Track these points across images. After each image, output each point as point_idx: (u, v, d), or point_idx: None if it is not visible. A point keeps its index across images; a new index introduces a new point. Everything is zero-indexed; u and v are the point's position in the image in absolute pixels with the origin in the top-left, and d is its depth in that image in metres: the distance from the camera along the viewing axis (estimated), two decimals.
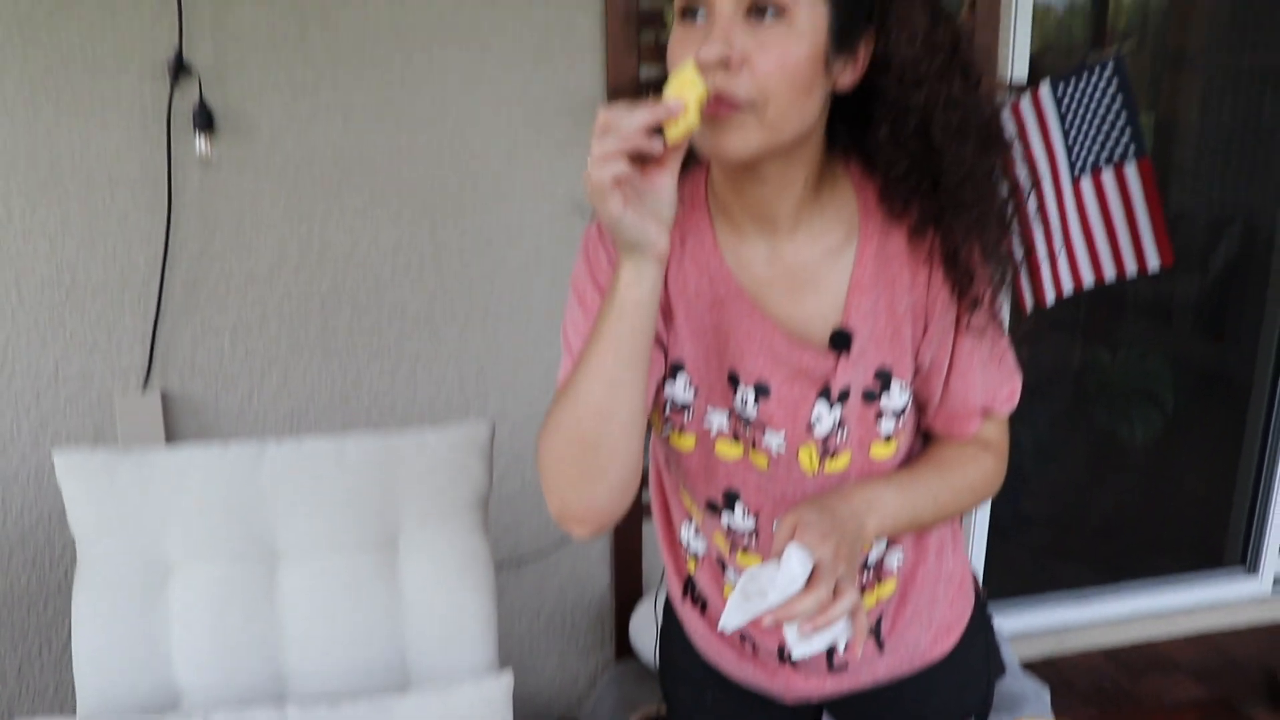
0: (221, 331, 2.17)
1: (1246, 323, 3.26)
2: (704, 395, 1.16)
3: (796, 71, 0.97)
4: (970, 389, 1.16)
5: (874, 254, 1.11)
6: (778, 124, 0.98)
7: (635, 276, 0.98)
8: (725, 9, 0.96)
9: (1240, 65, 3.17)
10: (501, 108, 2.19)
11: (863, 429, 1.14)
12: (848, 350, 1.11)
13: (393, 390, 2.29)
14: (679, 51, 0.99)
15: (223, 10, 2.02)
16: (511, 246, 2.26)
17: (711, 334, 1.14)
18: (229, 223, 2.12)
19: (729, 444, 1.17)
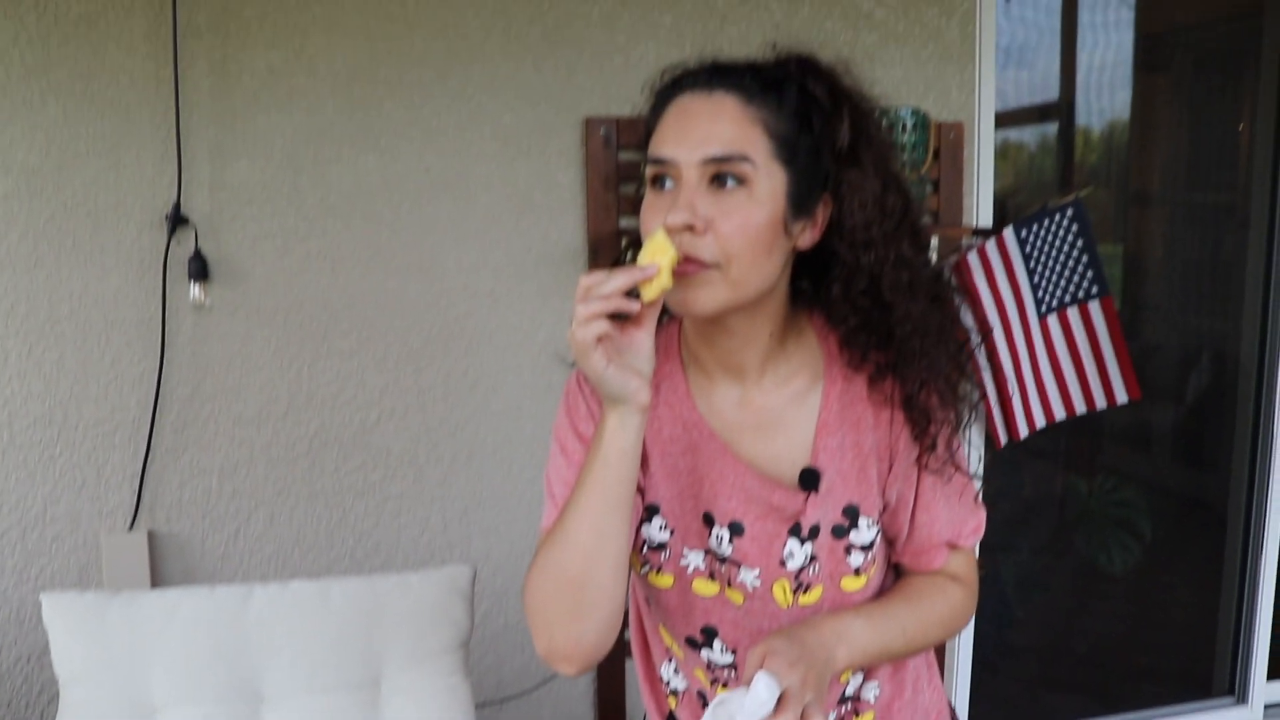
0: (209, 472, 2.19)
1: (1221, 450, 3.29)
2: (680, 536, 1.20)
3: (757, 234, 1.04)
4: (935, 523, 1.20)
5: (838, 396, 1.17)
6: (741, 282, 1.05)
7: (619, 426, 1.03)
8: (691, 178, 1.04)
9: (1198, 202, 3.28)
10: (486, 257, 2.25)
11: (833, 563, 1.17)
12: (816, 488, 1.15)
13: (377, 531, 2.30)
14: (649, 216, 1.07)
15: (220, 165, 2.09)
16: (495, 391, 2.30)
17: (686, 477, 1.19)
18: (220, 366, 2.16)
19: (705, 582, 1.21)
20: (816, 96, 1.08)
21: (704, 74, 1.09)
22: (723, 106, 1.06)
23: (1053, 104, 3.22)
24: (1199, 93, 3.35)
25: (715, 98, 1.06)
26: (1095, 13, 3.16)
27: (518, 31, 2.20)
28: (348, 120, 2.15)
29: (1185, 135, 3.35)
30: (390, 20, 2.14)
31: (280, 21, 2.09)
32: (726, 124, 1.05)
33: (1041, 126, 3.27)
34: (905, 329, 1.11)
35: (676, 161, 1.05)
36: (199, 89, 2.06)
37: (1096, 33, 3.16)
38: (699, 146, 1.04)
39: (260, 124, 2.10)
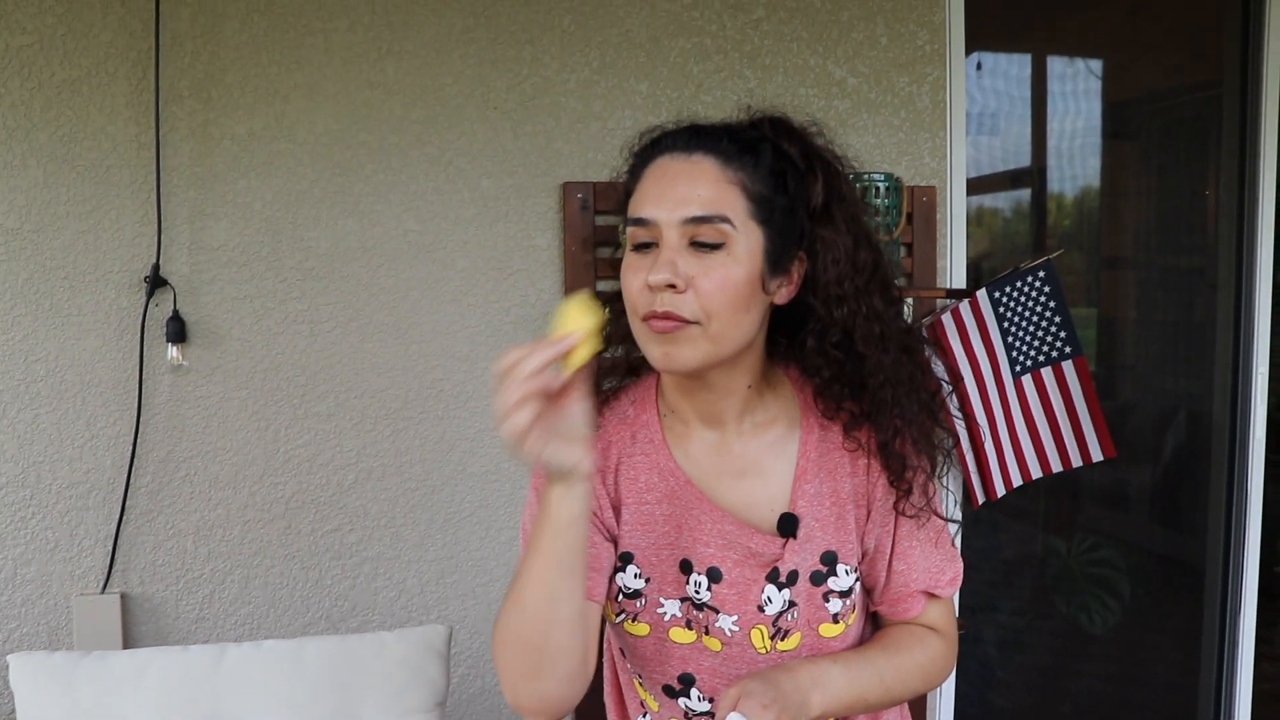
0: (184, 534, 2.18)
1: (1197, 509, 3.31)
2: (656, 584, 1.21)
3: (736, 292, 1.07)
4: (911, 571, 1.22)
5: (815, 444, 1.19)
6: (721, 338, 1.08)
7: (565, 496, 1.02)
8: (672, 239, 1.07)
9: (1168, 265, 3.33)
10: (463, 320, 2.26)
11: (811, 610, 1.18)
12: (794, 534, 1.17)
13: (354, 593, 2.28)
14: (631, 276, 1.10)
15: (199, 228, 2.11)
16: (472, 453, 2.30)
17: (662, 525, 1.20)
18: (196, 428, 2.15)
19: (682, 630, 1.21)
20: (791, 157, 1.12)
21: (682, 136, 1.13)
22: (701, 168, 1.09)
23: (1025, 170, 3.26)
24: (1167, 159, 3.40)
25: (694, 159, 1.10)
26: (1064, 82, 3.22)
27: (496, 98, 2.23)
28: (327, 184, 2.17)
29: (1154, 200, 3.40)
30: (370, 86, 2.17)
31: (261, 87, 2.12)
32: (706, 185, 1.08)
33: (1014, 193, 3.31)
34: (877, 379, 1.14)
35: (657, 222, 1.08)
36: (180, 153, 2.08)
37: (1066, 101, 3.22)
38: (679, 207, 1.07)
39: (240, 187, 2.12)
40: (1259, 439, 3.05)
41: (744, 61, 2.36)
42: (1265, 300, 2.99)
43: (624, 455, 1.23)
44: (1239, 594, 3.11)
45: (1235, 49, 2.99)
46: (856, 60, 2.44)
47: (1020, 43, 3.14)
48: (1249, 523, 3.07)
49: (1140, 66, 3.25)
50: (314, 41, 2.14)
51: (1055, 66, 3.24)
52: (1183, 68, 3.25)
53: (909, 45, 2.47)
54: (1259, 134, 2.93)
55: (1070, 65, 3.24)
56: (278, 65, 2.12)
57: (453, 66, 2.21)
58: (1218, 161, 3.12)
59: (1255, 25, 2.92)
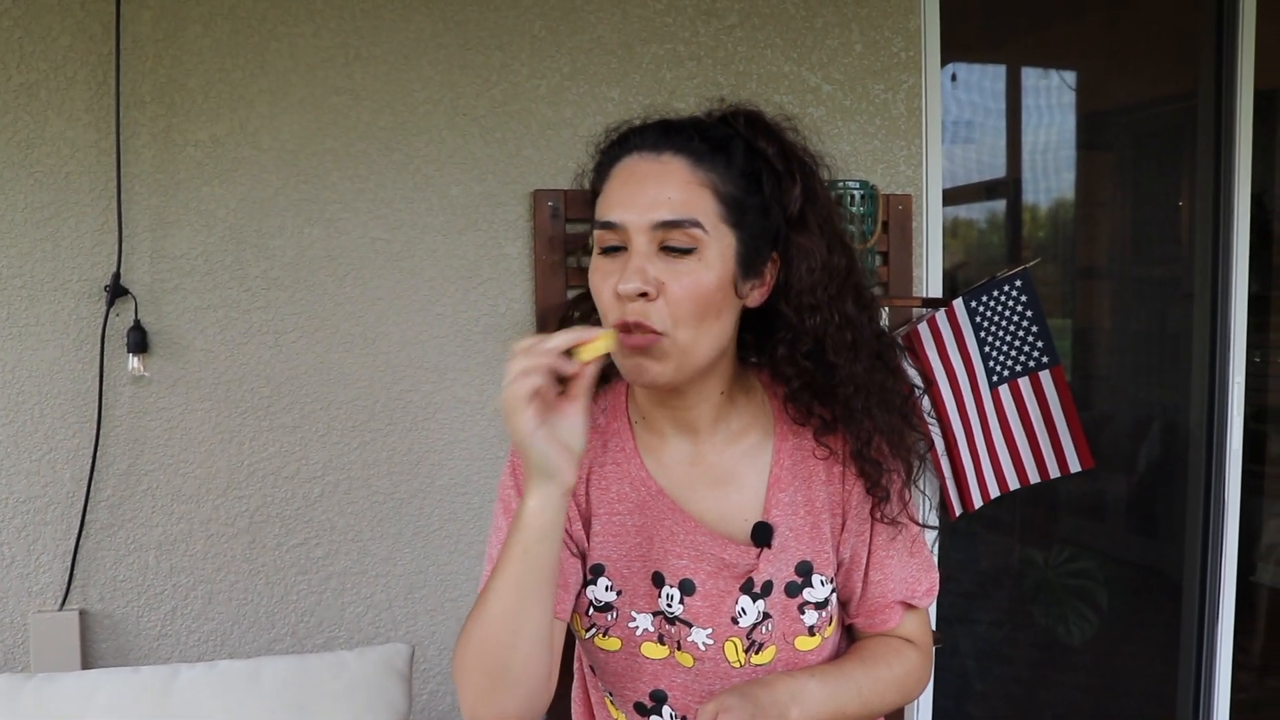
0: (146, 549, 2.13)
1: (1173, 518, 3.30)
2: (627, 597, 1.19)
3: (708, 298, 1.05)
4: (888, 581, 1.20)
5: (789, 453, 1.18)
6: (691, 349, 1.06)
7: (542, 504, 1.00)
8: (641, 244, 1.04)
9: (1143, 276, 3.33)
10: (432, 329, 2.22)
11: (786, 622, 1.16)
12: (769, 544, 1.15)
13: (320, 608, 2.24)
14: (599, 280, 1.08)
15: (161, 236, 2.07)
16: (440, 466, 2.27)
17: (634, 536, 1.18)
18: (158, 440, 2.11)
19: (654, 645, 1.19)
20: (766, 156, 1.10)
21: (651, 134, 1.10)
22: (671, 169, 1.06)
23: (1000, 181, 3.27)
24: (1141, 170, 3.42)
25: (663, 160, 1.07)
26: (1038, 94, 3.22)
27: (465, 105, 2.20)
28: (292, 191, 2.13)
29: (1129, 211, 3.41)
30: (336, 92, 2.14)
31: (225, 93, 2.08)
32: (675, 187, 1.05)
33: (989, 204, 3.31)
34: (848, 389, 1.13)
35: (626, 225, 1.05)
36: (141, 159, 2.05)
37: (1040, 112, 3.22)
38: (648, 210, 1.04)
39: (203, 195, 2.08)
40: (1235, 450, 3.05)
41: (717, 68, 2.34)
42: (1241, 310, 3.00)
43: (595, 465, 1.21)
44: (1217, 604, 3.10)
45: (1209, 60, 2.99)
46: (831, 67, 2.42)
47: (995, 53, 3.14)
48: (1226, 533, 3.07)
49: (1114, 78, 3.26)
50: (279, 46, 2.10)
51: (1030, 78, 3.24)
52: (1157, 79, 3.27)
53: (884, 52, 2.46)
54: (1234, 145, 2.94)
55: (1044, 76, 3.25)
56: (242, 70, 2.09)
57: (421, 72, 2.18)
58: (1192, 172, 3.13)
59: (1229, 36, 2.93)
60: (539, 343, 0.96)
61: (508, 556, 1.03)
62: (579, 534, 1.21)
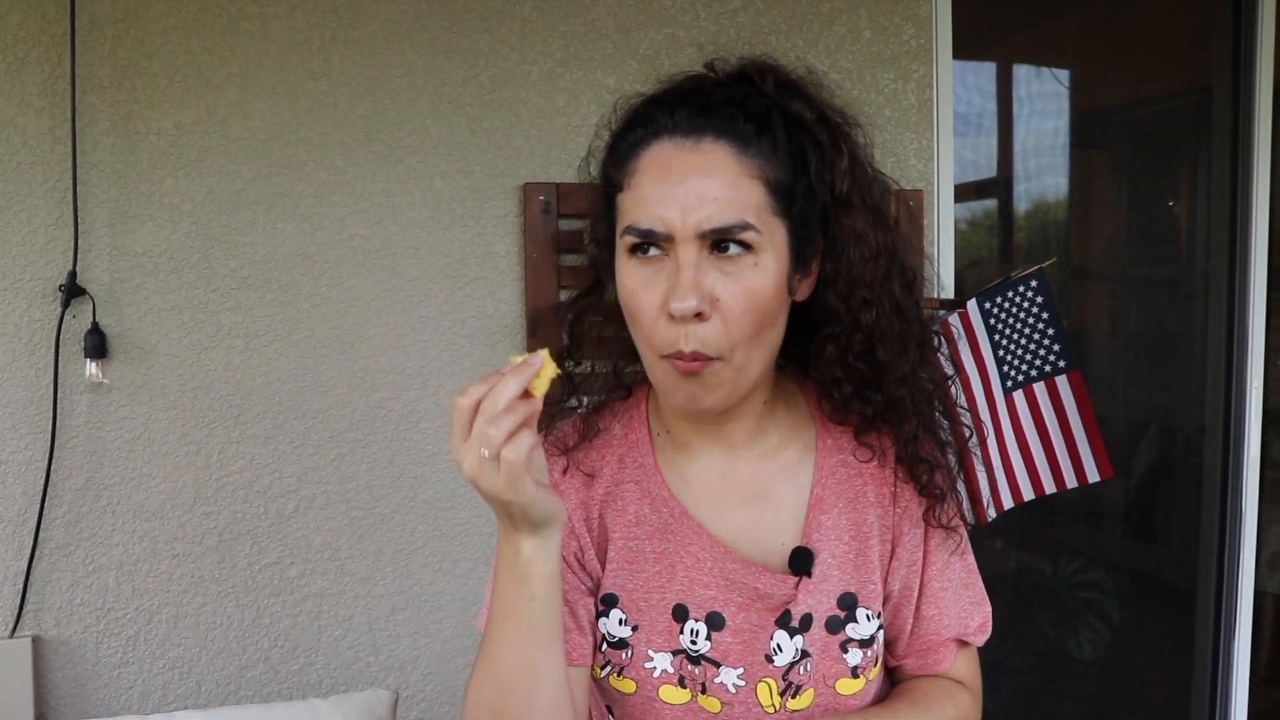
0: (106, 570, 2.03)
1: (1174, 524, 3.25)
2: (644, 633, 1.06)
3: (765, 307, 0.94)
4: (943, 615, 1.10)
5: (833, 470, 1.07)
6: (746, 367, 0.96)
7: (542, 550, 0.92)
8: (689, 252, 0.92)
9: (1140, 277, 3.29)
10: (415, 333, 2.14)
11: (827, 662, 1.05)
12: (809, 572, 1.03)
13: (295, 632, 2.14)
14: (642, 295, 0.95)
15: (122, 231, 1.97)
16: (424, 479, 2.17)
17: (653, 564, 1.06)
18: (118, 452, 2.01)
19: (674, 689, 1.06)
20: (807, 125, 0.96)
21: (685, 116, 0.95)
22: (714, 159, 0.93)
23: (992, 180, 3.20)
24: (1147, 168, 3.37)
25: (704, 148, 0.93)
26: (1032, 90, 3.16)
27: (450, 92, 2.12)
28: (264, 184, 2.04)
29: (1138, 211, 3.37)
30: (312, 77, 2.05)
31: (191, 77, 1.99)
32: (723, 183, 0.92)
33: (980, 202, 3.24)
34: (899, 387, 1.03)
35: (671, 233, 0.92)
36: (99, 148, 1.95)
37: (1034, 109, 3.15)
38: (693, 213, 0.91)
39: (168, 187, 1.99)
40: (1254, 456, 2.98)
41: (719, 55, 2.21)
42: (1260, 312, 2.93)
43: (611, 484, 1.09)
44: (1234, 615, 3.03)
45: (1226, 54, 2.92)
46: (838, 55, 2.33)
47: (1000, 47, 3.06)
48: (1244, 542, 3.00)
49: (1118, 75, 3.21)
50: (250, 27, 2.01)
51: (1033, 72, 3.18)
52: (1167, 76, 3.23)
53: (894, 40, 2.36)
54: (1252, 142, 2.88)
55: (1039, 73, 3.19)
56: (209, 53, 2.00)
57: (403, 56, 2.09)
58: (1208, 170, 3.08)
59: (1247, 31, 2.86)
60: (495, 396, 0.84)
61: (510, 609, 0.93)
62: (594, 567, 1.09)
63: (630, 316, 0.97)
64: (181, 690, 2.08)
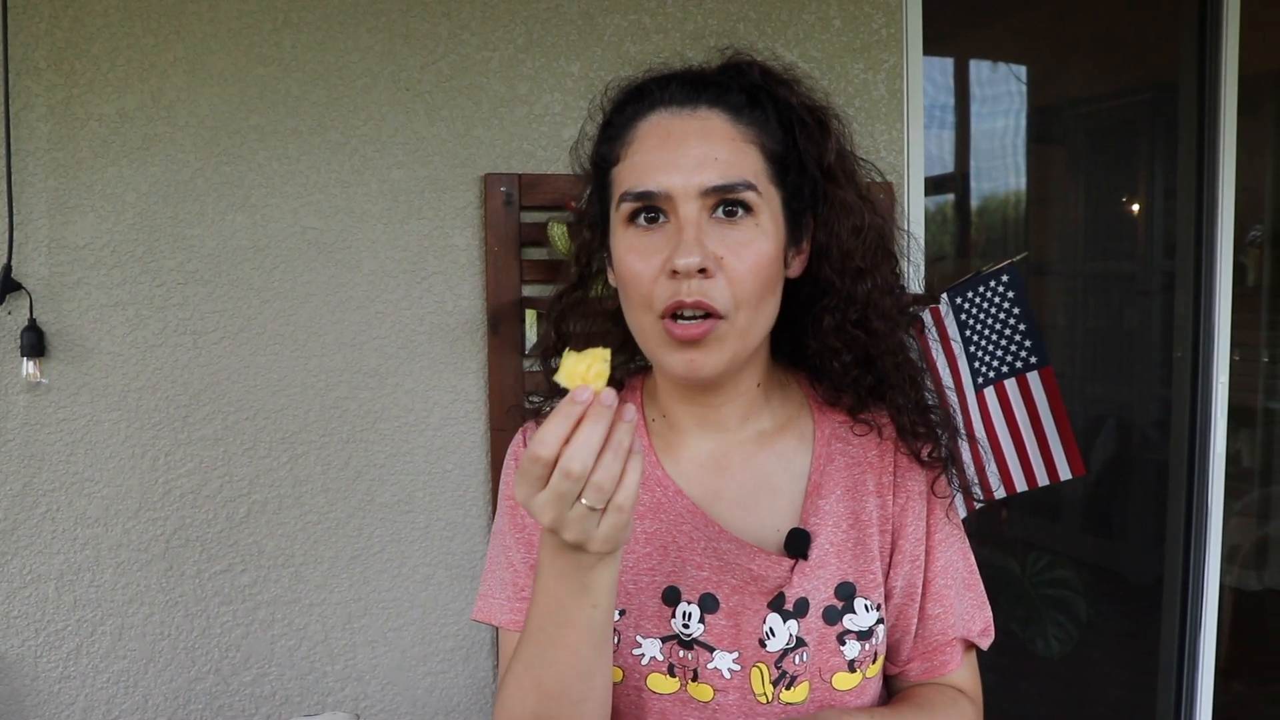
0: (45, 579, 1.97)
1: (1131, 519, 3.27)
2: (632, 617, 1.04)
3: (768, 270, 0.95)
4: (948, 614, 1.08)
5: (831, 456, 1.07)
6: (748, 330, 0.96)
7: (610, 559, 0.85)
8: (690, 212, 0.93)
9: (1096, 272, 3.31)
10: (371, 330, 2.09)
11: (824, 655, 1.02)
12: (805, 555, 1.02)
13: (247, 642, 2.08)
14: (637, 261, 0.95)
15: (61, 223, 1.91)
16: (381, 481, 2.12)
17: (643, 544, 1.05)
18: (58, 456, 1.95)
19: (662, 678, 1.04)
20: (794, 107, 1.00)
21: (679, 87, 0.98)
22: (711, 125, 0.96)
23: (949, 176, 3.20)
24: (1103, 163, 3.39)
25: (700, 114, 0.96)
26: (988, 87, 3.16)
27: (408, 78, 2.07)
28: (212, 174, 1.99)
29: (1101, 206, 3.40)
30: (262, 62, 1.99)
31: (134, 60, 1.93)
32: (721, 145, 0.95)
33: (937, 197, 3.24)
34: (893, 357, 1.05)
35: (670, 193, 0.93)
36: (36, 135, 1.89)
37: (991, 105, 3.15)
38: (695, 173, 0.93)
39: (110, 176, 1.93)
40: (1219, 452, 2.98)
41: (686, 42, 2.21)
42: (1225, 308, 2.94)
43: None
44: (1199, 611, 3.03)
45: (1191, 51, 2.94)
46: (808, 43, 2.30)
47: (965, 40, 3.05)
48: (1209, 537, 3.00)
49: (1082, 70, 3.23)
50: (197, 9, 1.96)
51: (995, 66, 3.18)
52: (1131, 71, 3.22)
53: (864, 29, 2.32)
54: (1218, 138, 2.88)
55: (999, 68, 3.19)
56: (153, 35, 1.93)
57: (359, 41, 2.04)
58: (1173, 165, 3.07)
59: (1213, 27, 2.86)
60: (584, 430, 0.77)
61: (563, 619, 0.88)
62: None
63: (627, 286, 0.96)
64: (127, 705, 2.00)
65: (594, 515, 0.79)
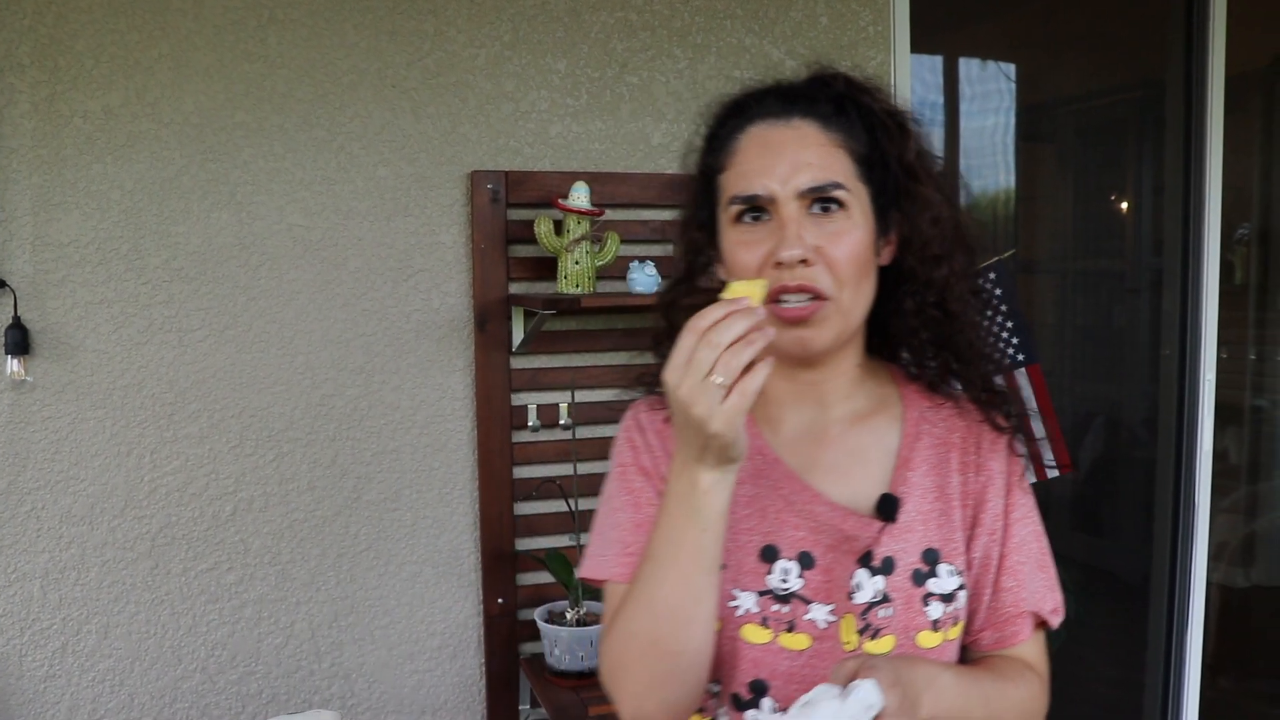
0: (30, 578, 1.96)
1: (1121, 516, 3.27)
2: (731, 572, 1.13)
3: (863, 257, 1.08)
4: (1021, 588, 1.17)
5: (920, 435, 1.18)
6: (850, 309, 1.08)
7: (721, 485, 0.98)
8: (791, 210, 1.06)
9: (1085, 270, 3.32)
10: (357, 327, 2.10)
11: (909, 614, 1.12)
12: (893, 518, 1.13)
13: (233, 640, 2.08)
14: (745, 251, 1.08)
15: (45, 220, 1.90)
16: (368, 479, 2.12)
17: (744, 506, 1.15)
18: (44, 454, 1.95)
19: (756, 629, 1.13)
20: (876, 113, 1.11)
21: (773, 101, 1.11)
22: (804, 133, 1.09)
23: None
24: (1083, 163, 3.40)
25: (794, 124, 1.09)
26: (975, 85, 3.17)
27: (395, 75, 2.07)
28: (198, 171, 1.98)
29: (1091, 205, 3.39)
30: (248, 59, 1.99)
31: (119, 57, 1.92)
32: (814, 151, 1.08)
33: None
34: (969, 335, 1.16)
35: (772, 195, 1.07)
36: (20, 131, 1.89)
37: (978, 103, 3.16)
38: (792, 177, 1.07)
39: (95, 173, 1.93)
40: (1206, 450, 2.99)
41: (673, 39, 2.20)
42: (1212, 306, 2.95)
43: None
44: (1186, 608, 3.04)
45: (1179, 49, 2.95)
46: (795, 41, 2.30)
47: (953, 38, 3.04)
48: (1196, 534, 3.01)
49: (1069, 68, 3.23)
50: (182, 5, 1.95)
51: (983, 64, 3.18)
52: (1118, 69, 3.21)
53: (851, 26, 2.33)
54: (1204, 136, 2.89)
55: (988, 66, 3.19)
56: (138, 32, 1.93)
57: (345, 38, 2.04)
58: (1159, 163, 3.07)
59: (1200, 25, 2.87)
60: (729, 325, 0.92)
61: (677, 541, 1.01)
62: None
63: (735, 276, 1.09)
64: (113, 704, 2.00)
65: (720, 392, 0.91)
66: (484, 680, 2.18)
